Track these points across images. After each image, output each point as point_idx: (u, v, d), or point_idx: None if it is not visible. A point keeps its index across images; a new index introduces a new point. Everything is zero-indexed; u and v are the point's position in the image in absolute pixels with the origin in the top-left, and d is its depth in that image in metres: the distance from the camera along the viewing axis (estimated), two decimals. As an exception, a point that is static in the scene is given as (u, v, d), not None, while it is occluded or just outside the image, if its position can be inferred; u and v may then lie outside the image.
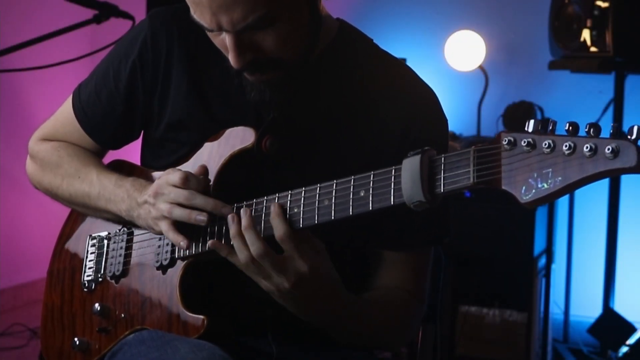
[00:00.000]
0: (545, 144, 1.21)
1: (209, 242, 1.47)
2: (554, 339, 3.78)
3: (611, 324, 3.64)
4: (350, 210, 1.38)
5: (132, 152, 1.87)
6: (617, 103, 3.62)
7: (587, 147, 1.18)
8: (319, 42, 1.57)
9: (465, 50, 4.04)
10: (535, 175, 1.21)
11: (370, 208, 1.36)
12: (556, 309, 3.89)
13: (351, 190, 1.38)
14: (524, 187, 1.22)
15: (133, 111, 1.69)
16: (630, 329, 3.59)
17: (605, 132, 1.20)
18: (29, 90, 4.31)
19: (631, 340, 3.55)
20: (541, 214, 3.54)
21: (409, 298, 1.62)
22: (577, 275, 4.01)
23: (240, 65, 1.48)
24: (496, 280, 3.58)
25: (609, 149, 1.16)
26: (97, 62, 1.84)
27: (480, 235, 3.52)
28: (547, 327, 3.60)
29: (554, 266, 3.71)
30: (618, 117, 3.60)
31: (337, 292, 1.50)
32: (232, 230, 1.44)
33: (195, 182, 1.51)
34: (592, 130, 1.19)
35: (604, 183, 3.70)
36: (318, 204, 1.41)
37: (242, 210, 1.45)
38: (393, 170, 1.35)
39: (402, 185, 1.32)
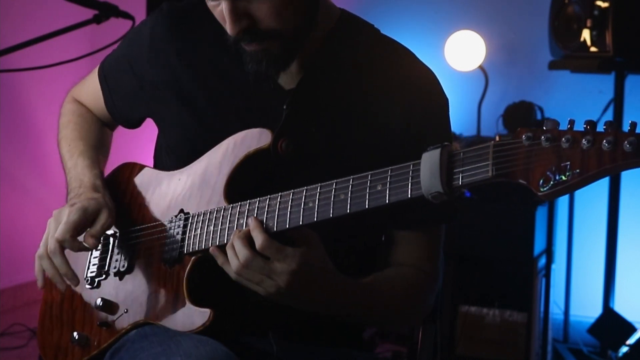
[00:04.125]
0: (565, 139, 1.23)
1: (210, 249, 1.51)
2: (554, 339, 3.78)
3: (611, 324, 3.63)
4: (367, 203, 1.40)
5: (136, 153, 1.88)
6: (617, 103, 3.62)
7: (606, 141, 1.21)
8: (317, 18, 1.59)
9: (465, 50, 4.04)
10: (554, 168, 1.24)
11: (387, 201, 1.38)
12: (556, 309, 3.89)
13: (368, 184, 1.40)
14: (541, 180, 1.25)
15: (137, 105, 1.77)
16: (630, 329, 3.59)
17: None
18: (29, 90, 4.31)
19: (631, 340, 3.55)
20: (541, 214, 3.54)
21: (419, 274, 1.64)
22: (577, 275, 4.01)
23: (236, 31, 1.51)
24: (496, 280, 3.58)
25: (628, 143, 1.19)
26: (97, 62, 1.86)
27: (480, 235, 3.52)
28: (547, 327, 3.60)
29: (554, 266, 3.71)
30: (618, 117, 3.60)
31: (334, 281, 1.51)
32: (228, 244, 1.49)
33: (70, 244, 1.61)
34: (610, 127, 1.22)
35: (604, 183, 3.70)
36: (334, 199, 1.42)
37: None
38: (411, 165, 1.37)
39: (421, 176, 1.34)
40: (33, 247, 1.68)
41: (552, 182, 1.24)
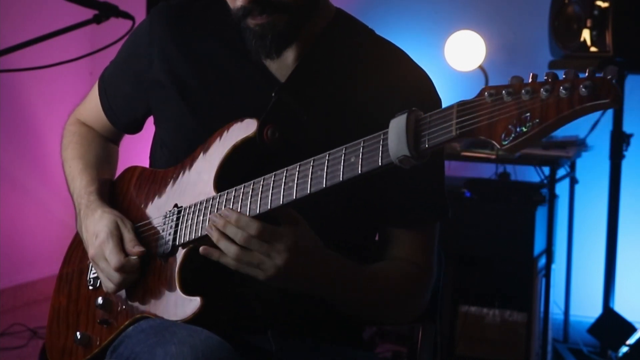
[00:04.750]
0: (525, 91, 1.24)
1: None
2: (554, 339, 3.78)
3: (611, 324, 3.63)
4: (341, 176, 1.40)
5: (134, 156, 1.88)
6: (617, 103, 3.62)
7: (563, 87, 1.21)
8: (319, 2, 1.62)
9: (465, 50, 4.04)
10: (515, 121, 1.24)
11: (360, 171, 1.39)
12: (556, 309, 3.89)
13: (342, 158, 1.41)
14: (503, 134, 1.25)
15: (137, 105, 1.79)
16: (630, 329, 3.59)
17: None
18: (29, 90, 4.31)
19: (631, 340, 3.55)
20: (541, 214, 3.54)
21: (415, 268, 1.64)
22: (577, 275, 4.01)
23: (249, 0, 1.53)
24: (496, 280, 3.58)
25: (584, 87, 1.19)
26: (97, 62, 1.87)
27: (480, 235, 3.52)
28: (547, 327, 3.60)
29: (554, 266, 3.71)
30: (618, 117, 3.60)
31: (328, 258, 1.53)
32: (214, 237, 1.49)
33: (129, 267, 1.62)
34: (568, 74, 1.23)
35: (604, 183, 3.70)
36: (312, 175, 1.44)
37: (212, 216, 1.50)
38: (382, 134, 1.38)
39: (389, 142, 1.35)
40: (33, 247, 1.69)
41: (513, 135, 1.24)
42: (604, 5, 3.45)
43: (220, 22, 1.65)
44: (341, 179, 1.40)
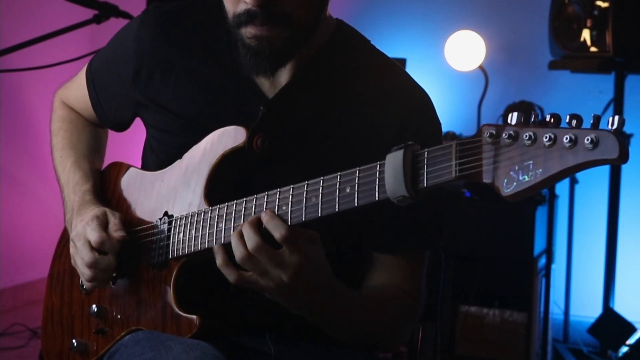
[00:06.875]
0: (526, 136, 1.20)
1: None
2: (554, 339, 3.78)
3: (611, 324, 3.64)
4: (337, 207, 1.38)
5: (131, 152, 1.88)
6: (617, 103, 3.63)
7: (567, 138, 1.17)
8: (320, 21, 1.58)
9: (465, 50, 4.04)
10: (517, 167, 1.21)
11: (356, 204, 1.36)
12: (556, 309, 3.89)
13: (337, 187, 1.38)
14: (505, 180, 1.22)
15: (126, 105, 1.76)
16: (630, 329, 3.59)
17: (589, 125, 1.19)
18: (29, 90, 4.31)
19: (631, 340, 3.55)
20: (541, 214, 3.54)
21: (404, 296, 1.62)
22: (577, 275, 4.01)
23: (258, 2, 1.47)
24: (496, 280, 3.59)
25: (588, 140, 1.16)
26: (97, 62, 1.85)
27: (480, 235, 3.52)
28: (547, 327, 3.60)
29: (554, 266, 3.72)
30: (618, 117, 3.60)
31: (331, 281, 1.49)
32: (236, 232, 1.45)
33: (109, 246, 1.58)
34: (573, 121, 1.19)
35: (604, 183, 3.71)
36: (306, 202, 1.41)
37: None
38: (378, 166, 1.35)
39: (386, 180, 1.32)
40: (33, 247, 1.68)
41: (515, 183, 1.20)
42: (604, 5, 3.45)
43: (212, 32, 1.62)
44: (337, 210, 1.38)
